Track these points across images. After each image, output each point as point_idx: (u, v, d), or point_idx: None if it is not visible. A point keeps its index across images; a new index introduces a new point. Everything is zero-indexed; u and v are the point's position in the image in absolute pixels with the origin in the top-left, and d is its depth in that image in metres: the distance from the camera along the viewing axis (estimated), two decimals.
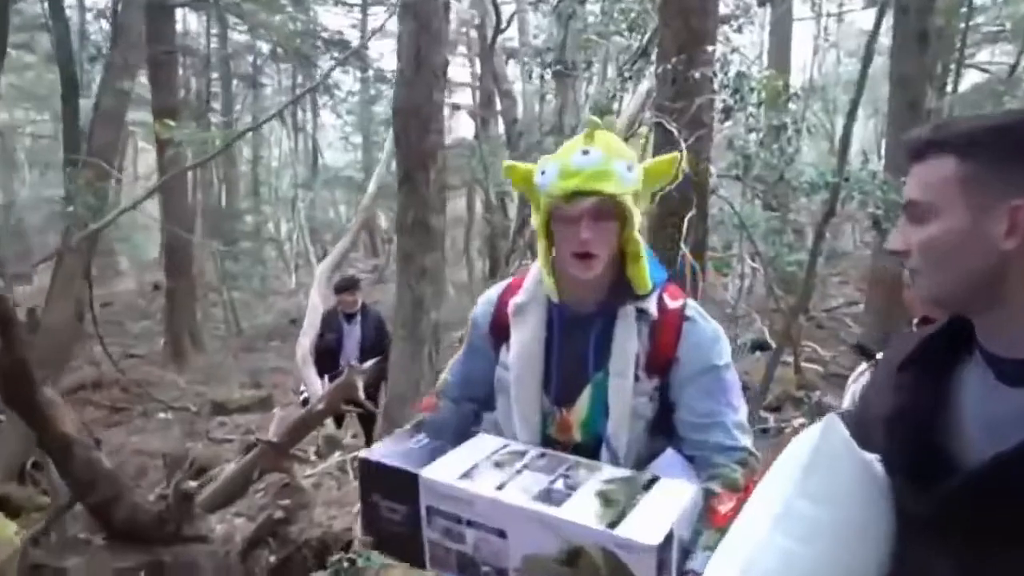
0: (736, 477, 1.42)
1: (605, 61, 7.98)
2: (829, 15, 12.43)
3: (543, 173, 1.40)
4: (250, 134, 12.34)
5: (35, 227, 11.90)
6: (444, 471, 1.35)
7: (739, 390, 1.48)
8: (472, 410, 1.66)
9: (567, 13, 6.75)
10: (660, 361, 1.43)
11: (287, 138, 14.95)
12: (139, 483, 5.18)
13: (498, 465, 1.38)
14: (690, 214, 4.05)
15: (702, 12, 4.07)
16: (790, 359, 6.88)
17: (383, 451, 1.42)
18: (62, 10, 8.03)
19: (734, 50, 3.75)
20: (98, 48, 9.40)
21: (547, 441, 1.49)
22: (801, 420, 6.13)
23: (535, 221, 1.45)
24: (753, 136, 4.67)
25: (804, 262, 6.12)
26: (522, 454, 1.43)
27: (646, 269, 1.42)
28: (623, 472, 1.38)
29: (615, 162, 1.36)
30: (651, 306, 1.44)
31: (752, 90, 3.70)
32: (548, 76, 6.99)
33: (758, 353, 8.13)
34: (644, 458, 1.47)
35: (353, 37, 12.80)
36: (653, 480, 1.34)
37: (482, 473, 1.34)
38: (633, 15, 5.19)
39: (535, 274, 1.52)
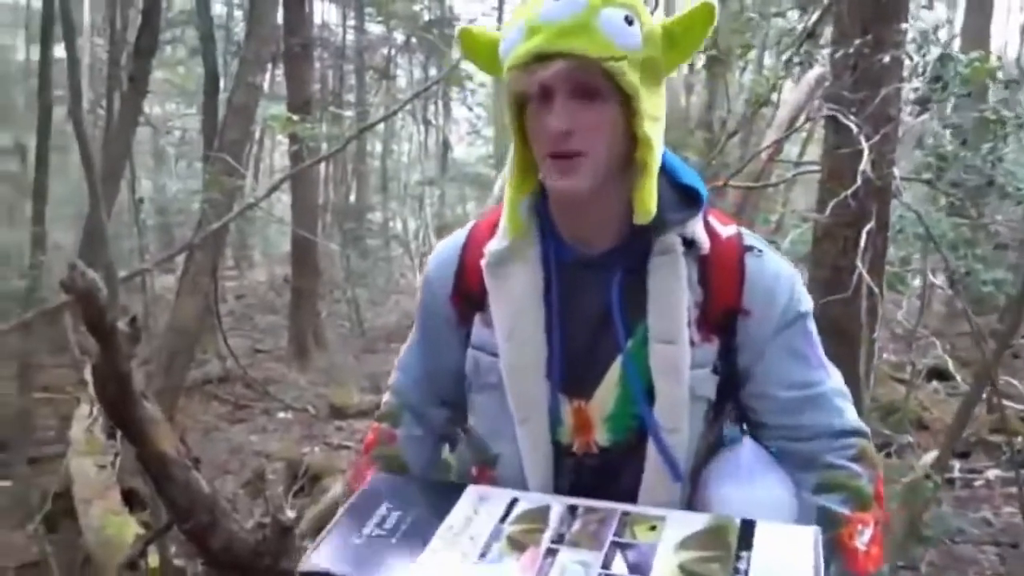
0: (862, 485, 1.07)
1: (763, 46, 7.44)
2: None
3: (506, 37, 1.02)
4: (381, 128, 12.64)
5: (180, 221, 12.73)
6: None
7: None
8: (444, 421, 1.25)
9: None
10: (721, 314, 1.06)
11: (417, 132, 15.25)
12: (259, 485, 5.33)
13: (515, 545, 0.91)
14: (868, 226, 3.60)
15: None
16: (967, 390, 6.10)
17: (328, 550, 0.93)
18: (208, 3, 8.52)
19: (937, 28, 3.23)
20: (239, 43, 9.91)
21: (555, 450, 1.09)
22: (996, 471, 5.38)
23: (505, 114, 1.06)
24: (947, 132, 4.09)
25: (1004, 280, 5.36)
26: (544, 516, 0.97)
27: (652, 186, 1.00)
28: (698, 520, 0.96)
29: (603, 9, 0.96)
30: (699, 234, 1.05)
31: (958, 76, 3.17)
32: (699, 64, 6.55)
33: (935, 383, 7.36)
34: (704, 460, 1.10)
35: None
36: (748, 528, 0.93)
37: (499, 570, 0.88)
38: None
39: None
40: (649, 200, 1.00)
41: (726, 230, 1.10)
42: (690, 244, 1.06)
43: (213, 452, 6.06)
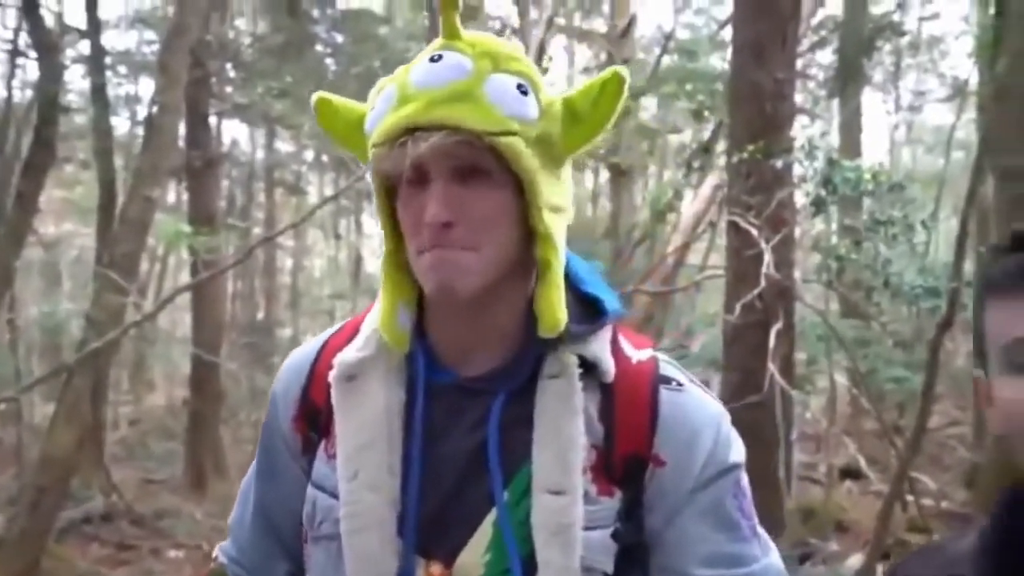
0: None
1: (662, 159, 7.74)
2: (904, 109, 12.16)
3: (373, 108, 0.83)
4: (292, 243, 12.41)
5: (71, 343, 11.92)
6: None
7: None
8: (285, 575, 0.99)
9: (622, 110, 6.58)
10: (626, 460, 0.84)
11: (328, 247, 15.10)
12: None
13: None
14: (776, 326, 3.59)
15: (778, 95, 3.75)
16: (879, 488, 6.10)
17: None
18: (107, 118, 8.28)
19: (823, 134, 3.36)
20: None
21: None
22: None
23: (373, 202, 0.86)
24: (835, 236, 4.22)
25: (905, 378, 5.48)
26: None
27: (558, 289, 0.82)
28: None
29: (491, 76, 0.79)
30: (603, 356, 0.85)
31: (847, 181, 3.28)
32: (603, 177, 6.73)
33: (848, 482, 7.39)
34: None
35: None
36: None
37: None
38: (696, 105, 4.92)
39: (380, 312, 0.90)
40: (556, 307, 0.82)
41: (638, 354, 0.88)
42: (590, 368, 0.84)
43: None
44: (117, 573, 6.09)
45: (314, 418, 0.91)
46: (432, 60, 0.81)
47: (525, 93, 0.81)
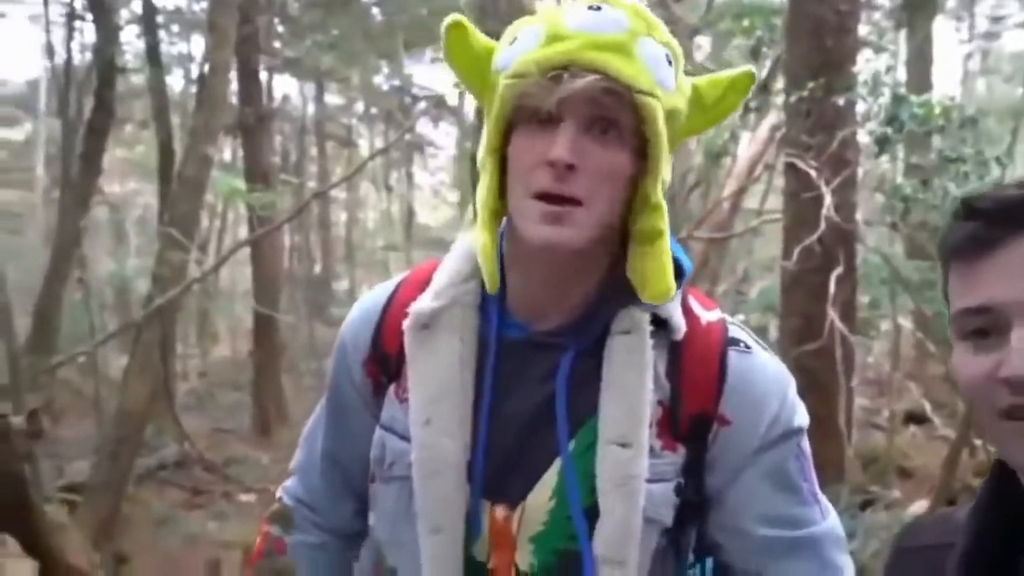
0: None
1: None
2: (979, 36, 11.43)
3: (511, 44, 0.83)
4: (345, 196, 12.54)
5: (139, 299, 12.42)
6: None
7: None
8: (351, 518, 1.01)
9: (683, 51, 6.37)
10: (691, 418, 0.86)
11: (380, 200, 15.23)
12: None
13: None
14: (837, 271, 3.49)
15: (840, 28, 3.56)
16: (944, 433, 5.96)
17: None
18: (161, 78, 8.43)
19: (889, 68, 3.19)
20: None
21: (466, 570, 0.87)
22: None
23: (483, 140, 0.86)
24: (901, 175, 4.05)
25: None
26: None
27: (668, 258, 0.83)
28: None
29: (644, 38, 0.81)
30: (675, 314, 0.86)
31: (913, 117, 3.11)
32: None
33: (913, 428, 7.24)
34: None
35: (452, 93, 13.00)
36: None
37: None
38: (754, 41, 4.72)
39: (457, 258, 0.91)
40: (667, 275, 0.83)
41: (707, 315, 0.89)
42: (661, 325, 0.86)
43: (167, 544, 5.64)
44: (192, 516, 6.40)
45: (384, 363, 0.93)
46: (591, 8, 0.82)
47: (670, 63, 0.82)
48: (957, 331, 0.63)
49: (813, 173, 3.38)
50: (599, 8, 0.82)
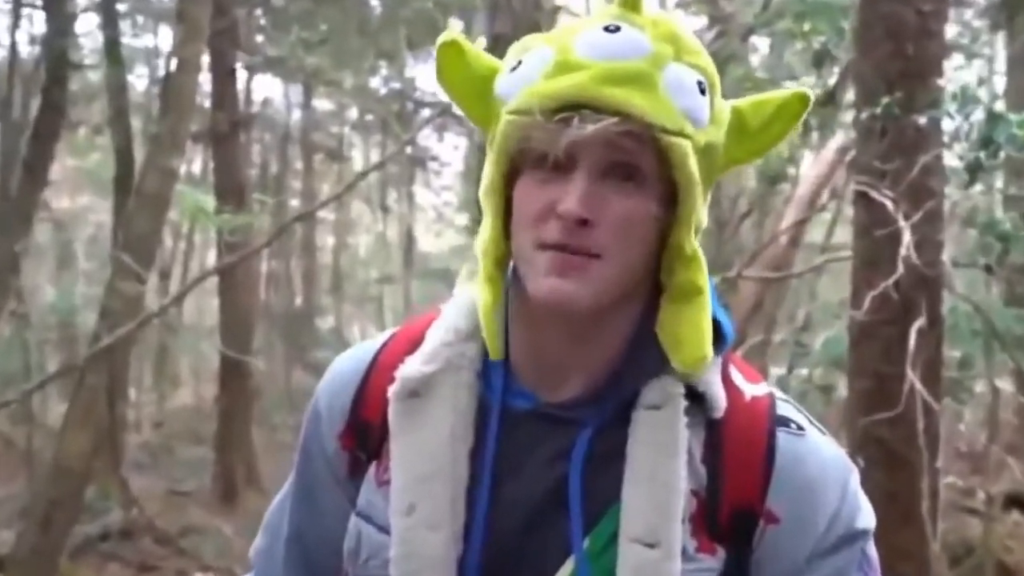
0: None
1: None
2: None
3: (514, 69, 0.84)
4: (333, 218, 12.65)
5: (87, 333, 12.54)
6: None
7: None
8: None
9: (724, 54, 6.44)
10: (733, 513, 0.85)
11: (376, 223, 15.38)
12: None
13: None
14: (917, 323, 3.45)
15: (922, 32, 3.55)
16: None
17: None
18: (122, 76, 8.57)
19: (982, 80, 3.19)
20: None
21: None
22: None
23: (484, 178, 0.87)
24: (999, 208, 4.03)
25: None
26: None
27: (706, 320, 0.84)
28: None
29: (671, 64, 0.81)
30: (715, 387, 0.86)
31: (1014, 139, 3.10)
32: None
33: (1015, 514, 7.11)
34: None
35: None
36: None
37: None
38: (818, 46, 4.74)
39: (456, 313, 0.92)
40: (704, 339, 0.83)
41: (752, 388, 0.89)
42: (698, 400, 0.85)
43: None
44: None
45: (364, 436, 0.93)
46: (607, 30, 0.81)
47: (703, 92, 0.82)
48: None
49: (889, 204, 3.35)
50: (617, 29, 0.81)
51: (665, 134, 0.79)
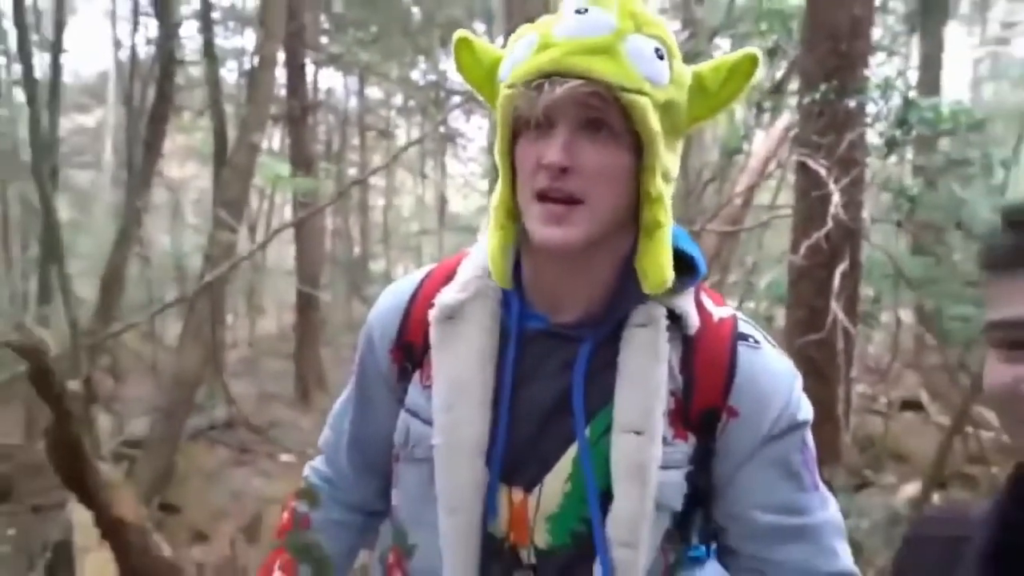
0: None
1: None
2: (990, 42, 11.05)
3: (512, 53, 0.83)
4: (383, 184, 12.54)
5: (194, 274, 12.65)
6: None
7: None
8: (374, 496, 1.01)
9: (693, 53, 6.24)
10: (702, 409, 0.85)
11: (416, 187, 15.23)
12: (257, 529, 5.03)
13: None
14: (841, 267, 3.40)
15: (853, 34, 3.44)
16: (940, 421, 5.84)
17: None
18: (216, 71, 8.45)
19: (899, 73, 3.09)
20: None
21: (485, 546, 0.86)
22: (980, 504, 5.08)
23: (496, 146, 0.85)
24: (908, 173, 3.93)
25: (971, 316, 5.15)
26: None
27: (667, 250, 0.81)
28: None
29: (631, 35, 0.78)
30: (689, 310, 0.85)
31: (924, 120, 3.01)
32: None
33: (909, 414, 7.11)
34: None
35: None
36: None
37: None
38: (770, 45, 4.59)
39: (481, 253, 0.90)
40: (664, 267, 0.81)
41: (719, 311, 0.88)
42: (676, 320, 0.84)
43: (215, 497, 5.75)
44: (238, 472, 6.51)
45: (410, 351, 0.92)
46: (578, 12, 0.79)
47: (661, 58, 0.79)
48: (991, 339, 0.61)
49: (823, 172, 3.30)
50: (585, 11, 0.79)
51: (625, 92, 0.76)
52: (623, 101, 0.76)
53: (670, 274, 0.81)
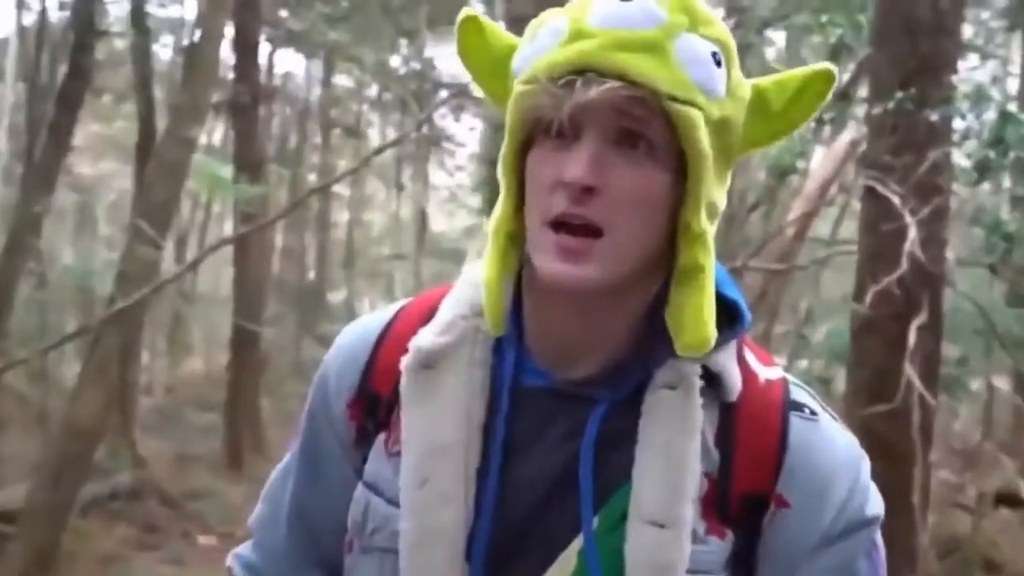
0: None
1: None
2: None
3: (532, 41, 0.81)
4: (347, 194, 12.64)
5: (104, 297, 12.62)
6: None
7: None
8: None
9: (739, 46, 6.36)
10: (743, 497, 0.83)
11: (390, 200, 15.37)
12: None
13: None
14: (918, 319, 3.43)
15: (939, 29, 3.52)
16: None
17: None
18: (147, 45, 8.57)
19: (996, 79, 3.15)
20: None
21: None
22: None
23: (501, 155, 0.84)
24: (1004, 205, 3.98)
25: None
26: None
27: (709, 300, 0.80)
28: None
29: (684, 33, 0.77)
30: (729, 371, 0.84)
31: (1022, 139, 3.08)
32: None
33: (1004, 510, 7.10)
34: None
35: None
36: None
37: None
38: (833, 41, 4.69)
39: (471, 286, 0.89)
40: (706, 321, 0.80)
41: (767, 372, 0.87)
42: (712, 382, 0.83)
43: None
44: (143, 557, 6.42)
45: (373, 407, 0.90)
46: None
47: (719, 64, 0.78)
48: None
49: (896, 200, 3.33)
50: None
51: (674, 102, 0.75)
52: (670, 112, 0.76)
53: (712, 332, 0.79)
